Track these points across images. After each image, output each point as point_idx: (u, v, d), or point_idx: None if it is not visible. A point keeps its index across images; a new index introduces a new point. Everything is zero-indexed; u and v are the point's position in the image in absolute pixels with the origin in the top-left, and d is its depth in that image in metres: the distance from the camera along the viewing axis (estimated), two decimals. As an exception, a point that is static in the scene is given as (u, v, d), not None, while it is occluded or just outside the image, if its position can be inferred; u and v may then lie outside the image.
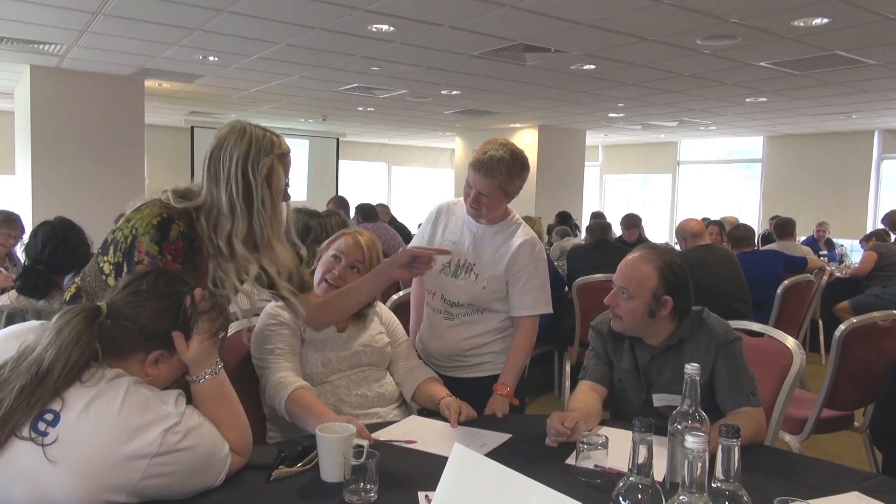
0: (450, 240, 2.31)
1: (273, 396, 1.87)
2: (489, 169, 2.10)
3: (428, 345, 2.37)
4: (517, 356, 2.23)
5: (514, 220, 2.31)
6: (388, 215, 8.05)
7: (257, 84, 7.87)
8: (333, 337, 2.03)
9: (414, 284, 2.55)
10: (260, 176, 1.66)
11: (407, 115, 10.61)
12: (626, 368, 2.01)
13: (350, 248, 2.09)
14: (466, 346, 2.28)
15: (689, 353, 1.91)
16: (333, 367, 1.99)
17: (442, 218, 2.38)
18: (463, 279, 2.25)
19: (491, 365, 2.29)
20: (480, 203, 2.16)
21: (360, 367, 2.05)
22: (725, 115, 9.56)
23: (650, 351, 1.98)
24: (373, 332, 2.12)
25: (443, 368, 2.34)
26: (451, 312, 2.28)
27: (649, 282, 1.90)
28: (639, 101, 8.54)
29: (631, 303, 1.91)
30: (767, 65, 6.19)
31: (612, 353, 2.05)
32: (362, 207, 6.50)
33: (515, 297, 2.24)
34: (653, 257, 1.93)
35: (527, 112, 9.91)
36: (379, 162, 16.15)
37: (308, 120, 11.63)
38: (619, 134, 12.74)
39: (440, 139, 14.57)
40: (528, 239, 2.25)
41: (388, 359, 2.15)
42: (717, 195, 13.44)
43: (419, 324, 2.47)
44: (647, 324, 1.93)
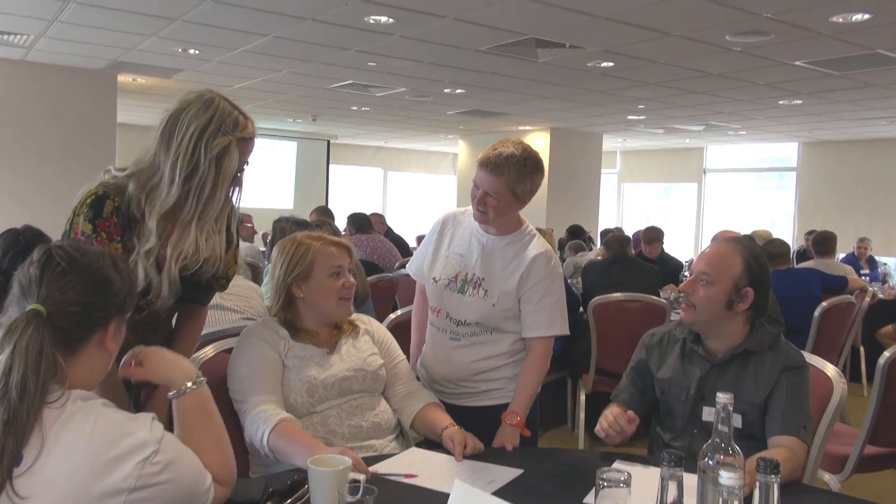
0: (456, 252, 2.31)
1: (253, 434, 1.85)
2: (497, 166, 2.12)
3: (431, 369, 2.37)
4: (529, 382, 2.22)
5: (528, 231, 2.32)
6: (384, 226, 8.02)
7: (241, 80, 7.90)
8: (319, 360, 2.02)
9: (416, 301, 2.56)
10: (211, 153, 1.68)
11: (405, 116, 10.64)
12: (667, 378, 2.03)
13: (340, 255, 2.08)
14: (474, 369, 2.28)
15: (753, 369, 1.95)
16: (321, 395, 1.98)
17: (448, 229, 2.38)
18: (471, 295, 2.25)
19: (501, 392, 2.28)
20: (487, 205, 2.17)
21: (352, 394, 2.03)
22: (757, 118, 9.60)
23: (710, 359, 2.00)
24: (364, 353, 2.10)
25: (447, 396, 2.34)
26: (457, 332, 2.28)
27: (733, 269, 1.95)
28: (661, 103, 8.58)
29: (710, 289, 1.95)
30: (803, 64, 6.23)
31: (654, 364, 2.08)
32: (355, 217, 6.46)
33: (529, 317, 2.24)
34: (739, 247, 2.00)
35: (538, 113, 9.94)
36: (374, 167, 16.18)
37: (296, 120, 11.65)
38: (639, 138, 12.78)
39: (442, 142, 14.59)
40: (543, 252, 2.25)
41: (383, 383, 2.13)
42: (747, 207, 13.46)
43: (421, 346, 2.47)
44: (721, 316, 1.96)
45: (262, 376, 1.93)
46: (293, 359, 2.00)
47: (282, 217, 3.85)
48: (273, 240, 3.75)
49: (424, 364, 2.41)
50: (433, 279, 2.33)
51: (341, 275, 2.05)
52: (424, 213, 16.08)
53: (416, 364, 2.48)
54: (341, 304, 2.04)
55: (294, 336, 2.04)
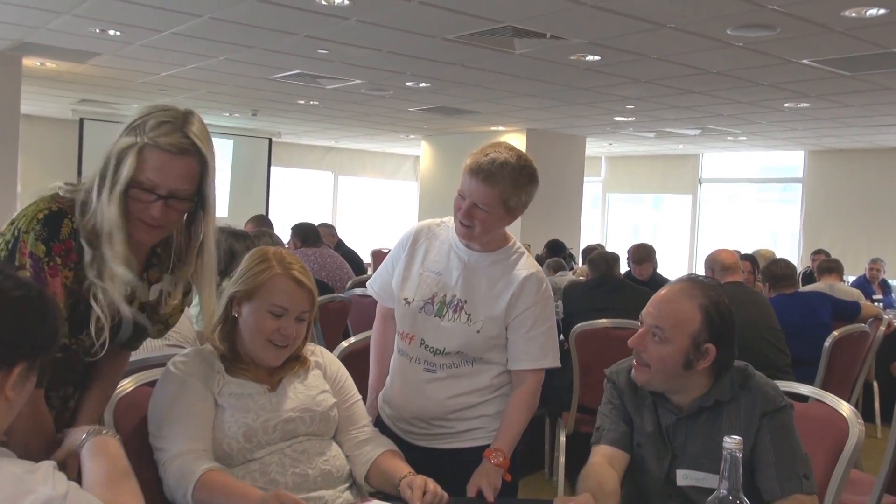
0: (432, 270, 2.31)
1: (174, 490, 1.81)
2: (490, 174, 2.12)
3: (399, 405, 2.35)
4: (517, 419, 2.23)
5: (516, 249, 2.33)
6: (335, 238, 7.98)
7: (169, 67, 7.82)
8: (259, 399, 1.98)
9: (377, 326, 2.54)
10: (113, 151, 1.67)
11: (361, 112, 10.64)
12: (648, 431, 2.00)
13: (293, 296, 2.00)
14: (451, 406, 2.27)
15: (727, 419, 1.92)
16: (260, 439, 1.94)
17: (421, 243, 2.37)
18: (451, 320, 2.24)
19: (481, 433, 2.28)
20: (474, 218, 2.17)
21: (297, 437, 2.00)
22: (759, 123, 9.79)
23: (675, 412, 1.98)
24: (313, 390, 2.07)
25: (418, 437, 2.32)
26: (433, 363, 2.27)
27: (690, 323, 1.90)
28: (653, 103, 8.70)
29: (663, 348, 1.91)
30: (811, 63, 6.38)
31: (632, 410, 2.05)
32: (301, 228, 6.40)
33: (518, 346, 2.25)
34: (696, 292, 1.94)
35: (513, 112, 10.01)
36: (323, 170, 16.17)
37: (233, 115, 11.60)
38: (627, 143, 12.93)
39: (402, 143, 14.63)
40: (534, 272, 2.27)
41: (335, 425, 2.11)
42: (747, 222, 13.68)
43: (382, 378, 2.45)
44: (678, 376, 1.93)
45: (187, 420, 1.89)
46: (228, 397, 1.96)
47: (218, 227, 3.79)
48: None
49: (389, 400, 2.40)
50: (405, 300, 2.32)
51: (283, 318, 1.98)
52: (381, 224, 16.05)
53: (378, 401, 2.46)
54: (268, 347, 1.99)
55: (231, 370, 2.01)
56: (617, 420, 2.05)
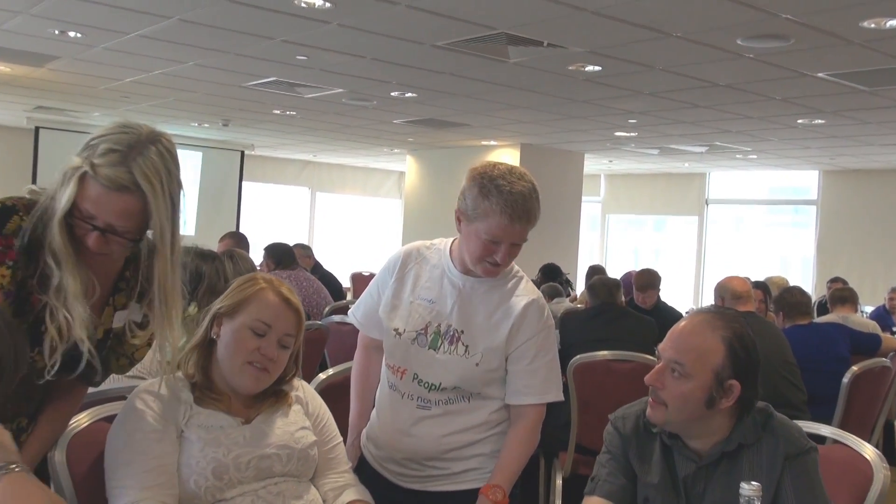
0: (424, 298, 2.31)
1: None
2: (530, 212, 2.16)
3: (388, 445, 2.35)
4: (517, 454, 2.24)
5: (514, 273, 2.34)
6: (311, 260, 7.98)
7: (134, 72, 7.81)
8: (231, 433, 1.96)
9: (358, 357, 2.54)
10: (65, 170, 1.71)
11: (341, 124, 10.66)
12: (655, 484, 1.99)
13: (279, 313, 2.03)
14: (446, 445, 2.27)
15: (747, 464, 1.92)
16: (232, 477, 1.92)
17: (411, 267, 2.37)
18: (447, 353, 2.25)
19: (477, 473, 2.28)
20: (510, 256, 2.21)
21: (273, 477, 1.98)
22: (770, 140, 9.86)
23: (695, 459, 1.97)
24: (292, 426, 2.06)
25: (409, 479, 2.32)
26: (427, 399, 2.28)
27: (714, 357, 1.91)
28: (657, 118, 8.75)
29: (684, 384, 1.91)
30: (827, 76, 6.44)
31: (635, 461, 2.04)
32: (275, 249, 6.41)
33: (519, 379, 2.26)
34: (719, 324, 1.95)
35: (506, 126, 10.05)
36: (299, 186, 16.20)
37: (203, 125, 11.60)
38: (628, 160, 13.00)
39: (386, 158, 14.66)
40: (535, 299, 2.29)
41: (314, 465, 2.09)
42: (757, 247, 13.75)
43: (365, 416, 2.45)
44: (700, 417, 1.93)
45: (145, 462, 1.86)
46: (196, 429, 1.94)
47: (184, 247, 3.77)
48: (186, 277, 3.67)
49: (375, 439, 2.39)
50: (395, 331, 2.32)
51: (265, 338, 2.00)
52: (362, 245, 16.05)
53: (361, 440, 2.45)
54: (246, 370, 1.99)
55: (201, 399, 1.99)
56: (615, 471, 2.04)
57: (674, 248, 14.85)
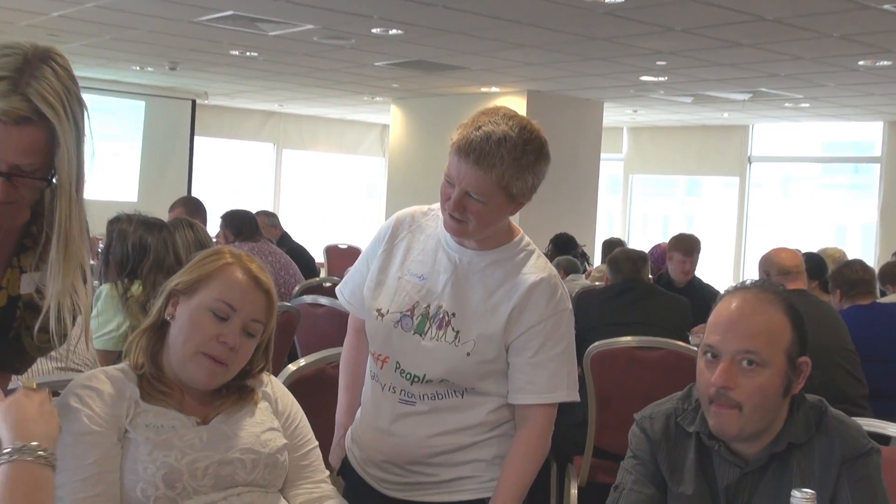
0: (414, 273, 2.31)
1: None
2: (484, 154, 2.11)
3: (369, 446, 2.36)
4: (519, 470, 2.23)
5: (523, 246, 2.33)
6: (278, 230, 7.98)
7: (62, 5, 7.78)
8: (184, 433, 1.97)
9: (347, 344, 2.55)
10: None
11: (312, 67, 10.63)
12: (689, 495, 2.00)
13: (246, 294, 2.03)
14: (434, 448, 2.27)
15: (798, 469, 1.93)
16: (186, 485, 1.92)
17: (403, 236, 2.37)
18: (434, 339, 2.25)
19: (473, 483, 2.29)
20: (468, 210, 2.16)
21: (236, 486, 1.99)
22: (826, 85, 9.85)
23: (740, 465, 1.98)
24: (258, 427, 2.07)
25: (392, 486, 2.32)
26: (410, 392, 2.28)
27: (784, 335, 1.95)
28: (690, 59, 8.73)
29: (759, 375, 1.92)
30: (894, 8, 6.41)
31: (665, 468, 2.05)
32: (234, 217, 6.41)
33: (521, 374, 2.25)
34: (773, 298, 1.99)
35: (509, 69, 10.02)
36: (262, 142, 16.16)
37: (145, 69, 11.56)
38: (656, 110, 12.98)
39: (366, 108, 14.63)
40: (544, 277, 2.27)
41: (283, 474, 2.10)
42: (809, 212, 13.76)
43: (353, 410, 2.46)
44: (776, 409, 1.95)
45: (80, 469, 1.87)
46: (143, 429, 1.94)
47: (120, 215, 3.78)
48: (107, 249, 3.68)
49: (358, 438, 2.41)
50: (377, 312, 2.32)
51: (227, 323, 2.00)
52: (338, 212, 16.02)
53: (346, 439, 2.46)
54: (199, 360, 1.99)
55: (149, 395, 1.99)
56: (642, 479, 2.06)
57: (710, 216, 14.85)
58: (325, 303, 4.97)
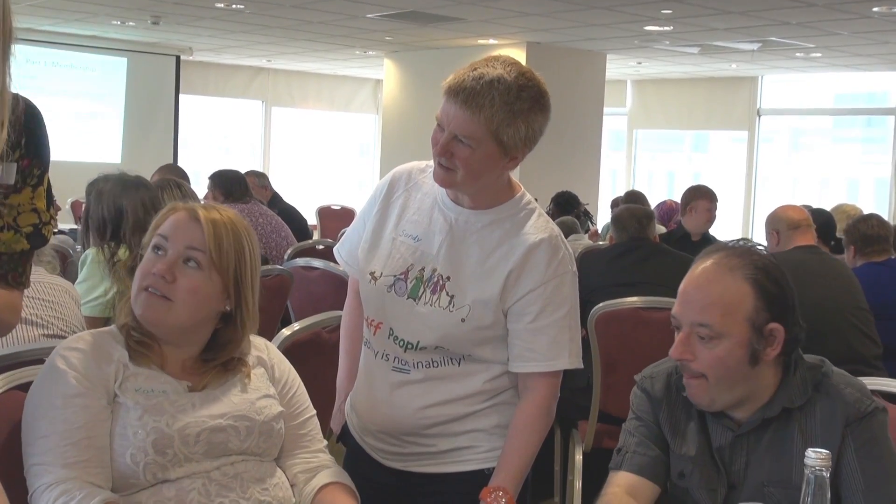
0: (409, 234, 2.29)
1: None
2: (473, 95, 2.07)
3: (365, 414, 2.36)
4: (523, 442, 2.22)
5: (524, 204, 2.30)
6: (269, 191, 7.97)
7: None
8: (175, 398, 1.97)
9: (347, 307, 2.55)
10: None
11: (301, 20, 10.60)
12: (692, 456, 2.02)
13: (180, 224, 2.04)
14: (430, 419, 2.27)
15: (799, 432, 1.94)
16: (177, 451, 1.93)
17: (399, 195, 2.36)
18: (428, 304, 2.23)
19: (473, 453, 2.28)
20: (455, 156, 2.13)
21: (229, 455, 2.00)
22: (839, 33, 9.82)
23: (732, 427, 2.00)
24: (253, 393, 2.07)
25: (389, 456, 2.33)
26: (404, 360, 2.27)
27: (743, 304, 1.92)
28: (697, 7, 8.69)
29: (717, 346, 1.93)
30: (910, -49, 6.38)
31: (667, 429, 2.07)
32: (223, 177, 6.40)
33: (520, 341, 2.23)
34: (736, 263, 1.96)
35: (508, 20, 9.99)
36: (250, 99, 16.16)
37: (126, 23, 11.54)
38: (661, 62, 12.94)
39: (357, 62, 14.61)
40: (545, 238, 2.23)
41: (279, 442, 2.11)
42: (821, 167, 13.74)
43: (353, 378, 2.46)
44: (745, 378, 1.95)
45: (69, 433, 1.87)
46: (133, 394, 1.95)
47: (100, 176, 3.78)
48: (86, 213, 3.67)
49: (356, 405, 2.40)
50: (370, 275, 2.31)
51: (162, 251, 2.02)
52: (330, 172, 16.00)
53: (346, 406, 2.47)
54: (140, 297, 2.00)
55: (137, 357, 1.99)
56: (645, 440, 2.08)
57: (718, 172, 14.83)
58: (318, 265, 4.97)
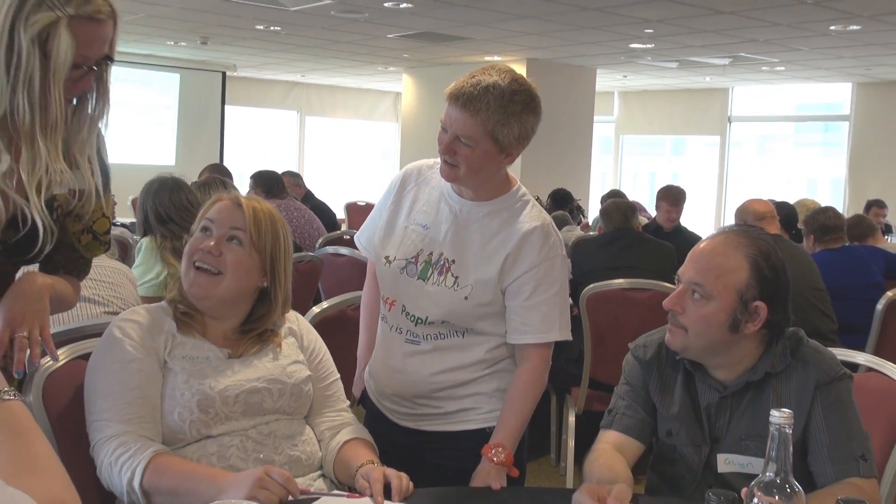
0: (419, 223, 2.29)
1: (115, 474, 1.80)
2: (472, 99, 2.08)
3: (381, 380, 2.37)
4: (520, 404, 2.22)
5: (519, 196, 2.30)
6: (302, 189, 7.98)
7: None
8: (217, 364, 1.98)
9: (367, 285, 2.54)
10: (29, 32, 1.66)
11: (331, 40, 10.55)
12: (676, 414, 2.01)
13: (224, 209, 2.06)
14: (437, 384, 2.28)
15: (776, 393, 1.94)
16: (219, 411, 1.94)
17: (410, 188, 2.35)
18: (435, 284, 2.24)
19: (476, 413, 2.29)
20: (457, 153, 2.13)
21: (263, 415, 2.01)
22: (800, 49, 9.75)
23: (718, 388, 1.99)
24: (284, 359, 2.08)
25: (402, 417, 2.34)
26: (415, 333, 2.28)
27: (737, 276, 1.91)
28: (676, 26, 8.63)
29: (705, 307, 1.92)
30: (864, -24, 6.33)
31: (656, 393, 2.07)
32: (262, 177, 6.44)
33: (516, 316, 2.23)
34: (743, 242, 1.95)
35: (511, 39, 9.93)
36: (287, 110, 16.10)
37: (179, 43, 11.48)
38: (644, 75, 12.87)
39: (380, 77, 14.53)
40: (538, 225, 2.24)
41: (308, 402, 2.12)
42: (783, 169, 13.71)
43: (371, 348, 2.46)
44: (723, 342, 1.94)
45: (125, 393, 1.88)
46: (181, 360, 1.97)
47: (156, 177, 3.83)
48: (143, 208, 3.72)
49: (374, 373, 2.41)
50: (385, 259, 2.31)
51: (210, 233, 2.03)
52: (356, 172, 16.00)
53: (365, 374, 2.47)
54: (190, 273, 2.01)
55: (184, 327, 2.01)
56: (634, 404, 2.07)
57: (693, 172, 14.81)
58: (345, 253, 5.02)
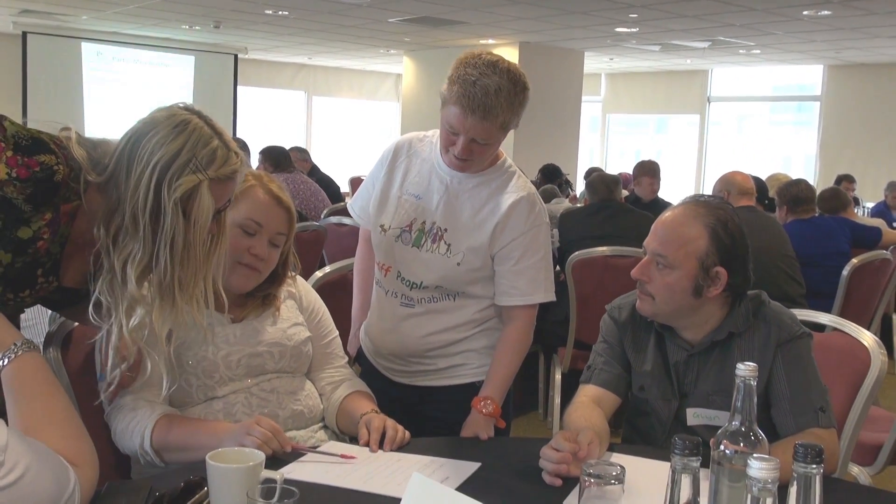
0: (412, 193, 2.27)
1: (127, 433, 1.81)
2: (489, 110, 2.02)
3: (377, 340, 2.37)
4: (507, 361, 2.23)
5: (506, 168, 2.28)
6: (308, 164, 7.98)
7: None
8: (219, 329, 1.97)
9: (360, 250, 2.53)
10: (174, 195, 1.58)
11: (335, 24, 10.48)
12: (649, 371, 2.02)
13: (269, 211, 1.99)
14: (429, 344, 2.28)
15: (739, 351, 1.94)
16: (223, 374, 1.94)
17: (401, 160, 2.32)
18: (429, 251, 2.23)
19: (466, 369, 2.30)
20: (474, 153, 2.12)
21: (266, 374, 2.00)
22: (774, 33, 9.70)
23: (686, 347, 1.99)
24: (284, 322, 2.06)
25: (397, 374, 2.34)
26: (410, 297, 2.27)
27: (696, 245, 1.91)
28: (659, 11, 8.59)
29: (669, 275, 1.92)
30: (835, -36, 6.28)
31: (630, 351, 2.07)
32: (271, 152, 6.44)
33: (505, 280, 2.23)
34: (702, 212, 1.94)
35: (504, 23, 9.88)
36: (294, 90, 16.04)
37: (193, 27, 11.42)
38: (629, 58, 12.82)
39: (382, 59, 14.47)
40: (524, 196, 2.22)
41: (308, 361, 2.11)
42: (759, 146, 13.71)
43: (366, 308, 2.45)
44: (688, 306, 1.94)
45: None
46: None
47: None
48: None
49: (369, 333, 2.41)
50: (381, 227, 2.29)
51: (256, 237, 1.96)
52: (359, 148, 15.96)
53: (360, 332, 2.47)
54: (237, 269, 1.96)
55: None
56: (610, 360, 2.08)
57: (675, 149, 14.82)
58: (347, 223, 5.03)
